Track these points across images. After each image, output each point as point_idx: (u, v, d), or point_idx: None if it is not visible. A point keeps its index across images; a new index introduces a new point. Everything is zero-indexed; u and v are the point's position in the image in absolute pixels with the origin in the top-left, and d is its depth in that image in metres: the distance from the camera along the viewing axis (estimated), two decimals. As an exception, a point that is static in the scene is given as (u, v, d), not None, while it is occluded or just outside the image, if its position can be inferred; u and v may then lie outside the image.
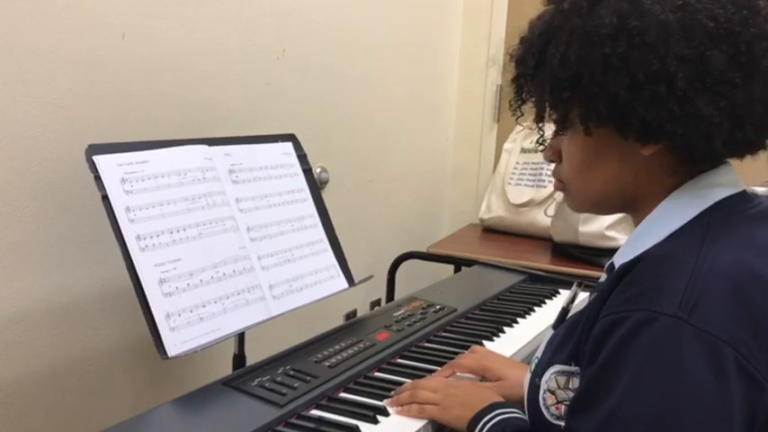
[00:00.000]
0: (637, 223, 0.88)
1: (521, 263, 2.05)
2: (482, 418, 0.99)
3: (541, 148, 0.94)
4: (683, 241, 0.80)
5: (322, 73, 1.98)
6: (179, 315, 1.13)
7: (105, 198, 1.12)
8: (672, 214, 0.83)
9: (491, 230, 2.61)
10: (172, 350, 1.10)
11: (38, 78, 1.24)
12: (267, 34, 1.75)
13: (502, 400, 1.04)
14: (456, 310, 1.50)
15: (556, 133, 0.89)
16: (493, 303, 1.60)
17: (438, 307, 1.51)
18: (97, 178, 1.13)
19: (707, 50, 0.75)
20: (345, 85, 2.11)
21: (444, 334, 1.40)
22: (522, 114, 0.92)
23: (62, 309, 1.32)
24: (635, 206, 0.88)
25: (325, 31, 1.97)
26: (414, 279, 2.37)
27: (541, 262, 2.19)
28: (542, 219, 2.42)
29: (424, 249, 2.38)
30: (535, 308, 1.56)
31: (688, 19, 0.76)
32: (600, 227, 2.13)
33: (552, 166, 0.94)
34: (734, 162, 0.87)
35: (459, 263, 2.31)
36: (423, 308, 1.50)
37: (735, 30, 0.76)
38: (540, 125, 0.90)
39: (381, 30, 2.27)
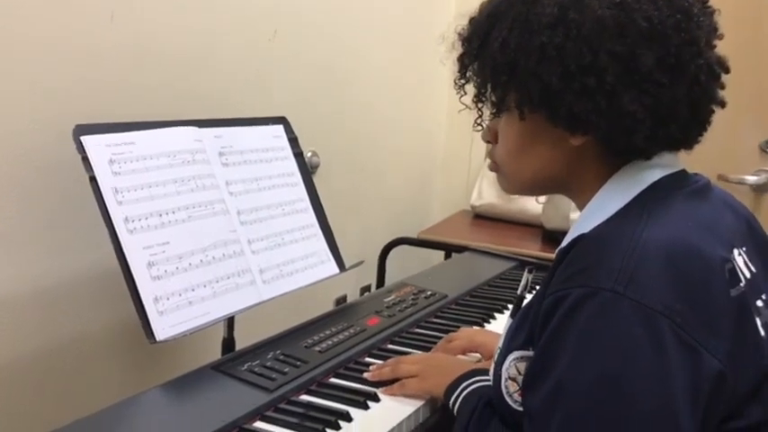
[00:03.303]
0: (579, 206, 0.90)
1: (511, 249, 2.05)
2: (461, 384, 1.00)
3: (479, 128, 0.97)
4: (621, 221, 0.82)
5: (314, 56, 1.96)
6: (167, 299, 1.12)
7: (93, 179, 1.11)
8: (610, 199, 0.85)
9: (482, 217, 2.60)
10: (160, 334, 1.09)
11: (24, 62, 1.21)
12: (258, 16, 1.73)
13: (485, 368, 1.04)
14: (447, 296, 1.50)
15: (493, 115, 0.92)
16: (483, 290, 1.60)
17: (429, 293, 1.50)
18: (84, 159, 1.11)
19: (638, 49, 0.79)
20: (338, 69, 2.09)
21: (435, 320, 1.40)
22: (465, 93, 0.94)
23: (49, 293, 1.31)
24: (571, 191, 0.91)
25: (317, 15, 1.95)
26: (404, 265, 2.36)
27: (532, 249, 2.19)
28: (533, 206, 2.41)
29: (414, 235, 2.37)
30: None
31: (624, 17, 0.79)
32: (591, 214, 2.13)
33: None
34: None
35: (449, 249, 2.31)
36: (413, 294, 1.49)
37: (667, 33, 0.79)
38: (480, 106, 0.93)
39: (375, 14, 2.25)
